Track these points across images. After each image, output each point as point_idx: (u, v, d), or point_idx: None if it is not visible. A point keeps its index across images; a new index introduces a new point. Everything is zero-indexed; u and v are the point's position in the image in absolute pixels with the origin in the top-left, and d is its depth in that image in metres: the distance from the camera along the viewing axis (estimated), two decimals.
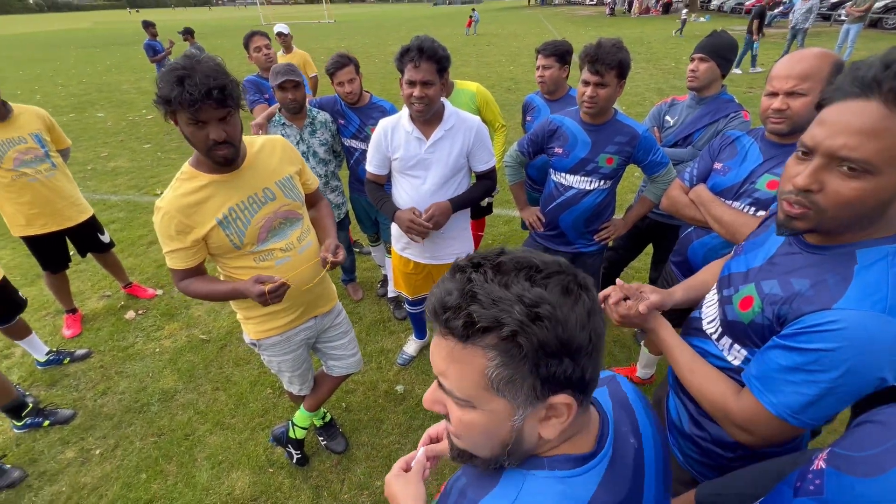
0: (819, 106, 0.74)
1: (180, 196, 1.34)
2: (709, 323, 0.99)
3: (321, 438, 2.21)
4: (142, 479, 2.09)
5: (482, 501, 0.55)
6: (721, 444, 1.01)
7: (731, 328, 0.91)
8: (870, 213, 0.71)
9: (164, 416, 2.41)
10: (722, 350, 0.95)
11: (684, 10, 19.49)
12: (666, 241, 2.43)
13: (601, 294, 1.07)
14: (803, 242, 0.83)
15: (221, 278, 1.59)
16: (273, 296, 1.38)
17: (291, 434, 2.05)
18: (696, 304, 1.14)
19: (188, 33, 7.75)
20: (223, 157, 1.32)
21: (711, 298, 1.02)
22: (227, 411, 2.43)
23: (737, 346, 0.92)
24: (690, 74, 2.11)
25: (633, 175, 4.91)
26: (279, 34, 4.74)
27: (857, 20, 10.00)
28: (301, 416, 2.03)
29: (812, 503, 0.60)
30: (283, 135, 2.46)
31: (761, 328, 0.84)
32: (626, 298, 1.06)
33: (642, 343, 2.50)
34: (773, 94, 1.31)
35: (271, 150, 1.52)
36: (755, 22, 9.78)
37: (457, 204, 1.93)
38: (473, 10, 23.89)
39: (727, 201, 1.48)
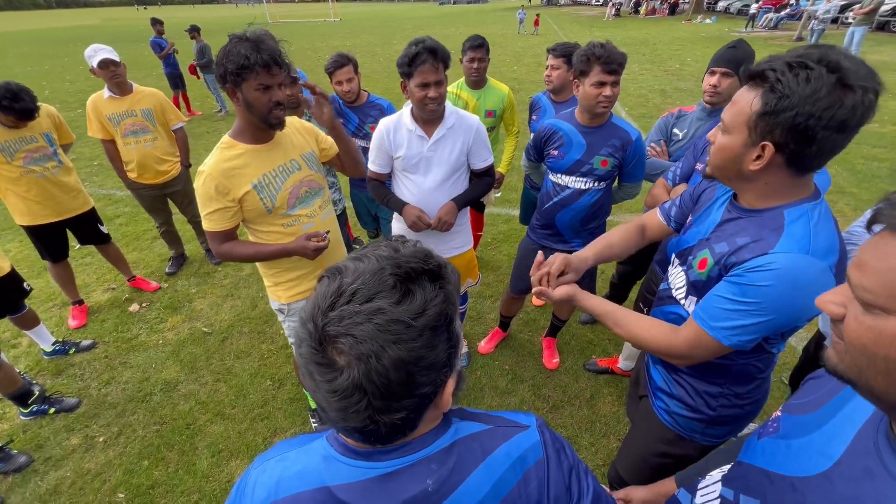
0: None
1: (221, 161, 1.49)
2: (677, 290, 1.17)
3: (314, 421, 2.27)
4: (144, 465, 2.15)
5: None
6: (706, 394, 1.17)
7: (695, 287, 1.09)
8: (729, 165, 0.94)
9: (166, 406, 2.47)
10: (687, 309, 1.12)
11: (755, 4, 18.44)
12: None
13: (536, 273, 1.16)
14: (741, 208, 1.01)
15: None
16: (321, 248, 1.57)
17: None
18: (607, 260, 1.35)
19: (194, 31, 7.81)
20: (278, 119, 1.47)
21: (677, 271, 1.18)
22: (228, 402, 2.48)
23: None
24: (711, 90, 1.93)
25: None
26: (103, 64, 2.75)
27: (863, 22, 9.98)
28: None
29: (772, 440, 0.74)
30: None
31: (716, 280, 1.02)
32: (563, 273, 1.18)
33: None
34: None
35: (293, 128, 1.70)
36: None
37: (461, 203, 1.98)
38: (522, 7, 22.89)
39: None
